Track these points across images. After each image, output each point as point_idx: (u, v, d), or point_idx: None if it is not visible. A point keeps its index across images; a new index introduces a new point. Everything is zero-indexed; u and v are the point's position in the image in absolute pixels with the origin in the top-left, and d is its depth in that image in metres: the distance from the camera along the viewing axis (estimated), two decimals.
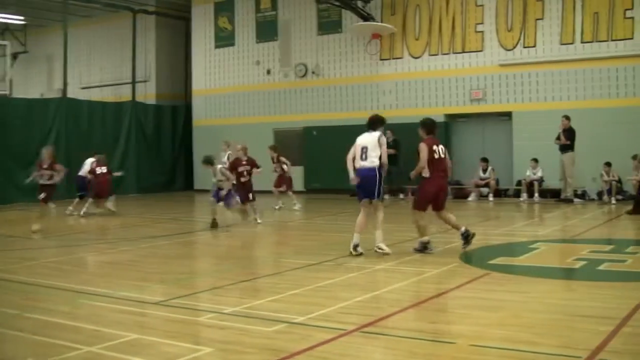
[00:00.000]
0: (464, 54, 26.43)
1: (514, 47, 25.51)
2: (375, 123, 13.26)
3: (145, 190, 31.01)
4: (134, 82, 32.74)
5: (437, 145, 12.76)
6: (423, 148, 12.58)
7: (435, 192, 12.76)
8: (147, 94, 33.71)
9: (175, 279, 10.89)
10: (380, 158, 12.57)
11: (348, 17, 28.23)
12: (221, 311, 8.36)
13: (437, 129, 13.29)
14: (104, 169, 21.43)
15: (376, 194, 12.59)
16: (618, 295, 9.03)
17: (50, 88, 37.51)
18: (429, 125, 13.08)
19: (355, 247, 12.44)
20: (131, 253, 13.71)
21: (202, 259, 14.07)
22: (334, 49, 29.25)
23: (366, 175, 12.55)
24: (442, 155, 12.77)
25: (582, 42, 24.36)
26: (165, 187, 32.13)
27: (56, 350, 6.86)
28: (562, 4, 24.59)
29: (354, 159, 12.74)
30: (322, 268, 11.40)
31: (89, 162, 21.95)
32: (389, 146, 25.26)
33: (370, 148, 12.65)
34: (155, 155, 32.34)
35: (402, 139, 25.48)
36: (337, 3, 27.13)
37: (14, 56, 34.93)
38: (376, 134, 12.86)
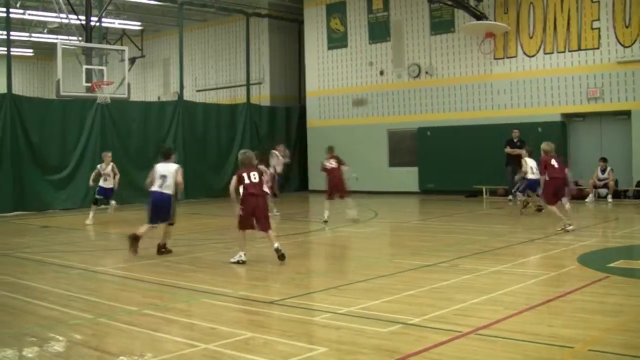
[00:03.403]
0: (580, 51, 25.83)
1: (632, 44, 24.79)
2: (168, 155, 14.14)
3: None
4: (248, 85, 33.14)
5: None
6: None
7: None
8: (261, 95, 34.16)
9: (290, 278, 10.99)
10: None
11: (461, 16, 27.97)
12: (336, 311, 8.40)
13: None
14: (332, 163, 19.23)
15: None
16: None
17: (167, 91, 38.52)
18: None
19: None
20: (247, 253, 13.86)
21: (317, 259, 14.14)
22: (446, 49, 29.02)
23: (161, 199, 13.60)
24: None
25: None
26: (280, 188, 32.37)
27: (175, 346, 7.04)
28: None
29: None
30: (437, 269, 11.35)
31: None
32: (515, 146, 24.95)
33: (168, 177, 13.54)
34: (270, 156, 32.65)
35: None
36: (449, 2, 26.91)
37: (132, 61, 35.78)
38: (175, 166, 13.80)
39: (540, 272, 10.82)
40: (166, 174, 13.50)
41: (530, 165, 19.60)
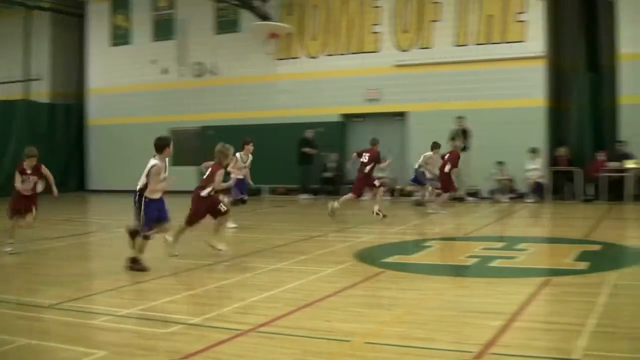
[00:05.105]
0: (361, 54, 26.64)
1: (410, 48, 25.84)
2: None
3: None
4: (26, 80, 31.94)
5: None
6: None
7: None
8: (41, 92, 32.90)
9: (70, 281, 10.70)
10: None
11: (245, 16, 28.10)
12: (115, 313, 8.26)
13: None
14: None
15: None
16: (509, 291, 9.27)
17: None
18: None
19: None
20: (23, 255, 13.36)
21: (97, 260, 13.85)
22: (231, 48, 29.09)
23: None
24: None
25: (476, 44, 24.83)
26: (57, 188, 31.35)
27: None
28: (457, 6, 25.03)
29: None
30: (218, 268, 11.41)
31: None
32: (311, 146, 25.56)
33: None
34: (48, 155, 31.54)
35: (299, 138, 25.75)
36: (234, 2, 27.02)
37: None
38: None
39: (319, 268, 11.05)
40: None
41: None
